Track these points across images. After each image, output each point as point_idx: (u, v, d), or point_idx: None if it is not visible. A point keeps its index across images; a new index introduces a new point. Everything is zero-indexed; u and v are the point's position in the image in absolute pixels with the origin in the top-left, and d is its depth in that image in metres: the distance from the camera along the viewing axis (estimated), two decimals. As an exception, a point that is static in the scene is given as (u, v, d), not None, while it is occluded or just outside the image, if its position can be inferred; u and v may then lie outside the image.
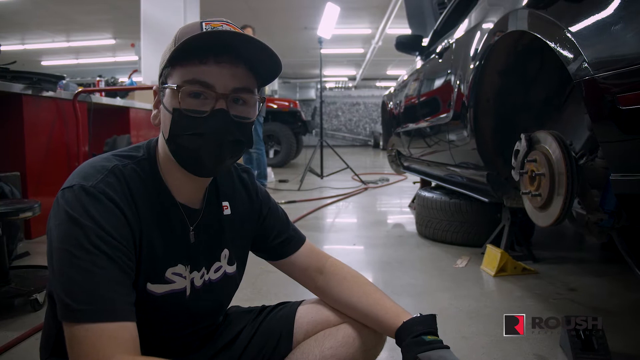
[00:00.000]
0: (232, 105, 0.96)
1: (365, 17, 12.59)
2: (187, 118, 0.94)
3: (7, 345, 1.90)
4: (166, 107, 0.97)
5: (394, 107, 5.16)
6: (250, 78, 0.98)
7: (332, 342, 1.19)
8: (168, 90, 0.96)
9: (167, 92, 0.96)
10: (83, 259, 0.85)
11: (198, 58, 0.93)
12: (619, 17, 1.32)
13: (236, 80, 0.95)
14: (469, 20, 2.88)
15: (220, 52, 0.93)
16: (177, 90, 0.93)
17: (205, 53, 0.93)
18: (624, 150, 1.37)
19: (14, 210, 2.27)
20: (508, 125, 2.61)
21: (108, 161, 0.99)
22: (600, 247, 3.57)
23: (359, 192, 6.80)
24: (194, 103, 0.94)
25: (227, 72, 0.94)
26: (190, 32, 0.93)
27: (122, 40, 14.43)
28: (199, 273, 1.09)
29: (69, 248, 0.86)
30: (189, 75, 0.93)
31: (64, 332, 0.86)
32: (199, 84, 0.93)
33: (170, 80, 0.96)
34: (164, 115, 0.99)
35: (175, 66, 0.95)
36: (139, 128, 5.62)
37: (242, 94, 0.97)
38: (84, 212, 0.88)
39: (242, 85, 0.96)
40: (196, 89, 0.93)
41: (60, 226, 0.89)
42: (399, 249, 3.58)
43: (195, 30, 0.93)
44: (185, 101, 0.94)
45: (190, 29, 0.95)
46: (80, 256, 0.86)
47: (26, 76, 3.67)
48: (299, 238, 1.30)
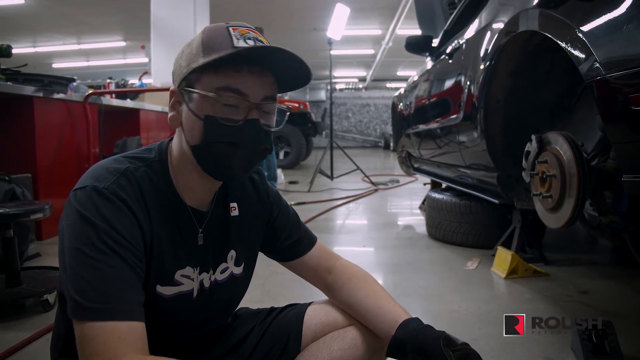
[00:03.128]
0: (261, 114, 0.97)
1: (375, 17, 12.58)
2: (221, 126, 0.94)
3: (19, 345, 1.92)
4: (195, 113, 0.96)
5: (404, 108, 5.15)
6: (274, 86, 1.00)
7: (341, 344, 1.18)
8: (197, 96, 0.95)
9: (195, 97, 0.95)
10: (94, 258, 0.86)
11: (232, 67, 0.93)
12: (630, 17, 1.31)
13: (265, 88, 0.96)
14: (479, 21, 2.87)
15: (253, 62, 0.94)
16: (214, 98, 0.93)
17: (239, 62, 0.93)
18: (636, 151, 1.36)
19: (25, 212, 2.29)
20: (519, 126, 2.59)
21: (120, 163, 0.99)
22: (612, 249, 3.54)
23: (369, 193, 6.78)
24: (228, 111, 0.94)
25: (258, 81, 0.95)
26: (221, 37, 0.94)
27: (133, 42, 14.51)
28: (207, 275, 1.10)
29: (81, 247, 0.87)
30: (223, 82, 0.93)
31: (74, 332, 0.86)
32: (232, 92, 0.93)
33: (199, 86, 0.95)
34: (190, 120, 0.97)
35: (207, 72, 0.94)
36: (149, 130, 5.63)
37: (270, 102, 0.98)
38: (96, 212, 0.89)
39: (270, 94, 0.98)
40: (231, 96, 0.93)
41: (72, 226, 0.89)
42: (409, 250, 3.57)
43: (224, 35, 0.94)
44: (217, 109, 0.94)
45: (219, 33, 0.95)
46: (91, 255, 0.86)
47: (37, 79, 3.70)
48: (310, 239, 1.30)
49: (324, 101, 22.46)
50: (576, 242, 3.92)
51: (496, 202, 3.01)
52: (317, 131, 11.49)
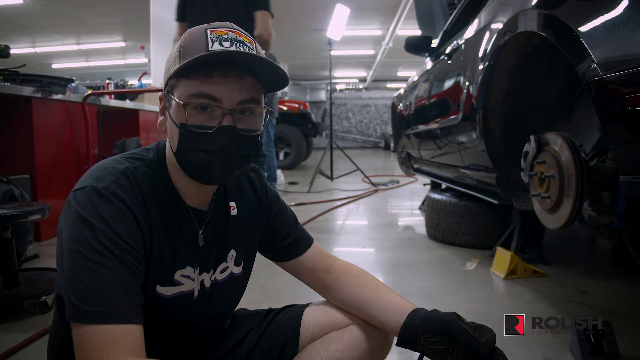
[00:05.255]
0: (239, 118, 0.95)
1: (376, 18, 12.58)
2: (194, 134, 0.94)
3: (16, 347, 1.92)
4: (173, 120, 0.96)
5: (403, 109, 5.15)
6: (257, 88, 0.97)
7: (339, 345, 1.18)
8: (174, 102, 0.95)
9: (173, 103, 0.95)
10: (92, 260, 0.86)
11: (203, 71, 0.92)
12: (627, 18, 1.31)
13: (243, 92, 0.94)
14: (478, 21, 2.87)
15: (226, 66, 0.92)
16: (187, 105, 0.92)
17: (211, 67, 0.92)
18: (633, 152, 1.36)
19: (23, 213, 2.29)
20: (518, 127, 2.59)
21: (119, 163, 0.99)
22: (611, 249, 3.54)
23: (369, 194, 6.78)
24: (201, 118, 0.93)
25: (233, 84, 0.93)
26: (196, 41, 0.93)
27: (132, 42, 14.50)
28: (208, 274, 1.10)
29: (79, 249, 0.87)
30: (195, 88, 0.92)
31: (71, 334, 0.86)
32: (205, 98, 0.92)
33: (176, 92, 0.95)
34: (170, 126, 0.98)
35: (181, 78, 0.94)
36: (148, 131, 5.63)
37: (249, 105, 0.96)
38: (95, 213, 0.89)
39: (249, 97, 0.96)
40: (202, 102, 0.92)
41: (70, 227, 0.89)
42: (408, 251, 3.57)
43: (200, 39, 0.93)
44: (192, 116, 0.93)
45: (195, 37, 0.94)
46: (89, 257, 0.86)
47: (36, 79, 3.70)
48: (307, 239, 1.30)
49: (324, 102, 22.44)
50: (575, 242, 3.92)
51: (495, 202, 3.01)
52: (317, 132, 11.48)
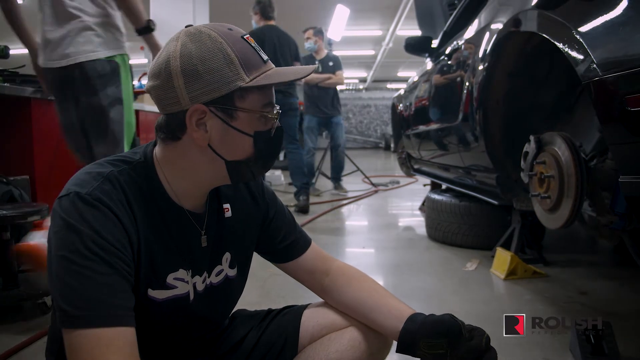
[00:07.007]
0: None
1: (376, 18, 12.56)
2: (269, 139, 1.01)
3: (16, 348, 1.92)
4: (243, 131, 0.97)
5: (403, 109, 5.14)
6: None
7: (338, 346, 1.18)
8: (243, 114, 0.96)
9: (240, 114, 0.95)
10: (80, 265, 0.85)
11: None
12: (627, 18, 1.31)
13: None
14: (478, 21, 2.86)
15: None
16: (261, 114, 0.98)
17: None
18: (632, 152, 1.36)
19: (23, 214, 2.29)
20: (517, 127, 2.58)
21: (103, 167, 0.98)
22: (612, 250, 3.53)
23: (370, 194, 6.78)
24: (268, 123, 1.01)
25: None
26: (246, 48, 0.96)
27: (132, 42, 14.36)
28: (200, 277, 1.09)
29: (66, 254, 0.86)
30: (266, 98, 0.99)
31: None
32: (272, 106, 1.00)
33: (246, 102, 0.95)
34: (233, 137, 0.97)
35: (250, 89, 0.95)
36: (148, 131, 5.60)
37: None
38: (80, 219, 0.88)
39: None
40: (273, 110, 1.01)
41: (57, 233, 0.89)
42: (409, 251, 3.57)
43: (247, 47, 0.96)
44: (263, 123, 0.99)
45: (241, 45, 0.96)
46: (77, 262, 0.85)
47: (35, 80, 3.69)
48: (305, 240, 1.29)
49: (324, 102, 22.37)
50: (576, 243, 3.91)
51: (495, 203, 3.00)
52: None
